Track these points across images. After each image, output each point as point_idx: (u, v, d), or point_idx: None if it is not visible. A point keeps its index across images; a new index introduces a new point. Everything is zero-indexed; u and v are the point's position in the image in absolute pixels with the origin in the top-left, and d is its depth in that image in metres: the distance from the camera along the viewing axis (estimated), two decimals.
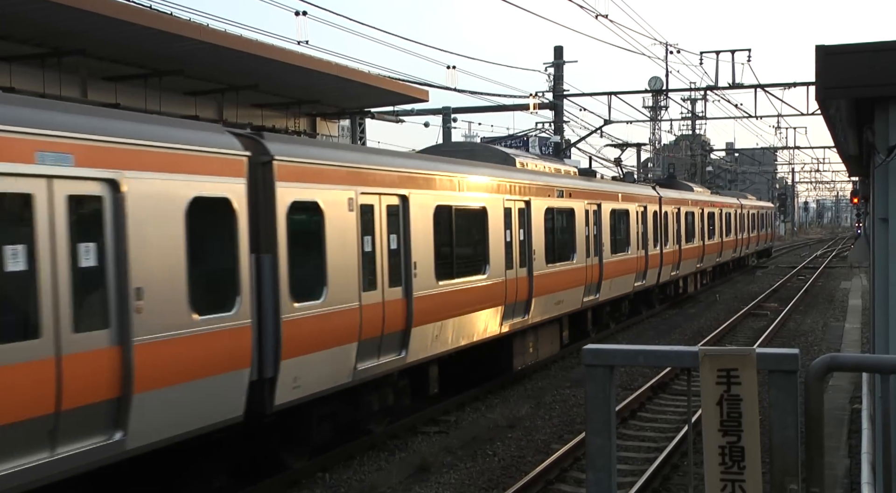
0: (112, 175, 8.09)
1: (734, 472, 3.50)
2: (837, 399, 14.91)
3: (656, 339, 23.44)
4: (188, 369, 8.89)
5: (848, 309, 28.79)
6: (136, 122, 8.81)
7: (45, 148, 7.53)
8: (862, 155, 10.59)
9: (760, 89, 33.66)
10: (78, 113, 8.24)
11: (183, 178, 8.96)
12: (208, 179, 9.30)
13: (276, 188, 10.23)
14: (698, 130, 74.66)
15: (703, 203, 35.38)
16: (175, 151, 8.89)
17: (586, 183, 22.05)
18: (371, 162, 12.33)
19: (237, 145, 9.84)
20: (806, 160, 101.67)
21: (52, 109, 7.98)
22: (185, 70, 15.77)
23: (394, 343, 12.72)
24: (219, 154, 9.49)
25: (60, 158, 7.67)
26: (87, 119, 8.12)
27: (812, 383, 3.54)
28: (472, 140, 28.74)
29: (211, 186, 9.34)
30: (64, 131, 7.69)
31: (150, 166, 8.59)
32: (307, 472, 11.74)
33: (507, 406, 15.71)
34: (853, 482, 10.28)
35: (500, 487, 11.31)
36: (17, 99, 7.95)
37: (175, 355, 8.71)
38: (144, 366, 8.27)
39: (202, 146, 9.30)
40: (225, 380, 9.41)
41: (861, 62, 6.62)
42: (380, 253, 12.29)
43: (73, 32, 13.52)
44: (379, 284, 12.24)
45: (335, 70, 18.41)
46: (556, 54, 35.53)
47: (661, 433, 14.14)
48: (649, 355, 3.88)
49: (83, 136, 7.86)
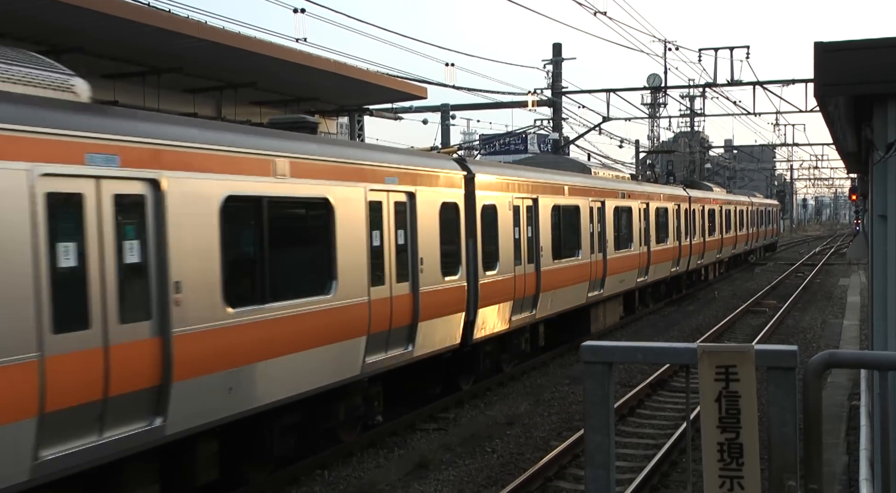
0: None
1: (733, 469, 3.50)
2: (836, 396, 14.93)
3: (655, 336, 23.46)
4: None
5: (846, 306, 28.82)
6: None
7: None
8: (860, 152, 10.59)
9: (759, 86, 33.66)
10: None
11: (436, 190, 14.16)
12: (448, 191, 14.52)
13: (476, 195, 15.52)
14: (697, 127, 74.66)
15: (722, 201, 40.06)
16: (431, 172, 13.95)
17: (637, 186, 27.33)
18: (518, 176, 17.91)
19: (458, 168, 15.14)
20: (804, 157, 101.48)
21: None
22: (183, 67, 15.75)
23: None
24: (453, 173, 14.86)
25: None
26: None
27: (810, 379, 3.54)
28: (472, 137, 28.71)
29: (448, 194, 14.51)
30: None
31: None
32: (306, 469, 11.75)
33: (505, 403, 15.72)
34: (851, 479, 10.29)
35: (498, 484, 11.32)
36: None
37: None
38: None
39: (445, 169, 14.65)
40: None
41: (860, 59, 6.62)
42: (524, 237, 17.70)
43: (72, 30, 13.49)
44: (523, 259, 17.53)
45: (334, 67, 18.40)
46: (555, 51, 35.55)
47: (660, 430, 14.16)
48: (648, 351, 3.88)
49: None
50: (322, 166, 11.27)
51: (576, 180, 21.18)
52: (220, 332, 9.34)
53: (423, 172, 13.88)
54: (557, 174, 20.43)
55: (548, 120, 37.52)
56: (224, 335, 9.40)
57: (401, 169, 13.20)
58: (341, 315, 11.50)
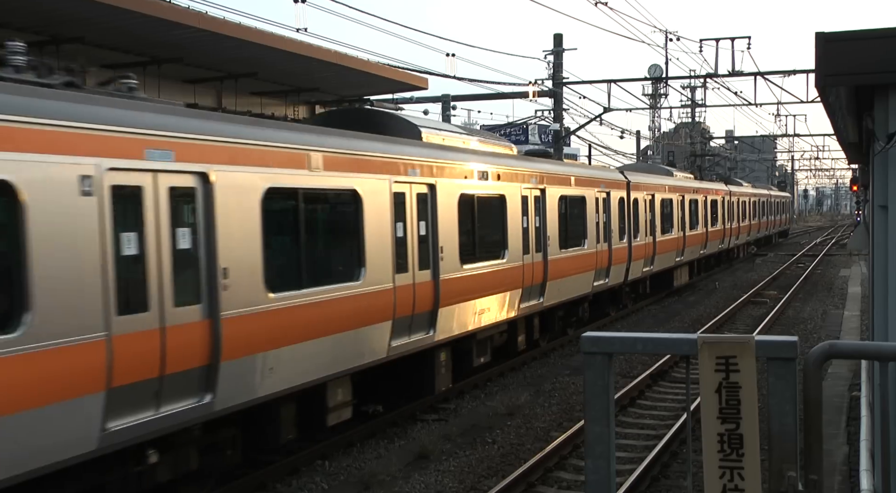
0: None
1: (733, 459, 3.50)
2: (837, 387, 14.93)
3: (655, 327, 23.47)
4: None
5: (847, 297, 28.80)
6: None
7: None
8: (861, 142, 10.57)
9: (760, 77, 33.54)
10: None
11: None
12: (599, 189, 21.61)
13: (630, 193, 24.35)
14: (698, 118, 74.58)
15: (750, 194, 49.95)
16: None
17: (701, 184, 36.86)
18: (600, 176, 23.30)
19: (621, 178, 23.93)
20: (805, 148, 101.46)
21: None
22: (184, 58, 15.71)
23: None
24: (617, 179, 23.66)
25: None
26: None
27: (810, 370, 3.53)
28: (472, 128, 28.71)
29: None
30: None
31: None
32: (306, 460, 11.77)
33: (506, 394, 15.74)
34: (852, 469, 10.30)
35: (499, 474, 11.34)
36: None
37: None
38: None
39: (608, 178, 22.98)
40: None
41: (861, 49, 6.60)
42: (644, 216, 26.15)
43: (72, 20, 13.47)
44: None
45: (334, 58, 18.35)
46: (556, 42, 35.41)
47: (661, 421, 14.17)
48: (648, 342, 3.88)
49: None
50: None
51: (670, 181, 30.87)
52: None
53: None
54: (643, 175, 28.25)
55: (549, 111, 37.43)
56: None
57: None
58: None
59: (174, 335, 8.72)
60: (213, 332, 9.22)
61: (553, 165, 20.54)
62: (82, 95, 8.32)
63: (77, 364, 7.73)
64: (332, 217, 12.05)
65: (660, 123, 71.60)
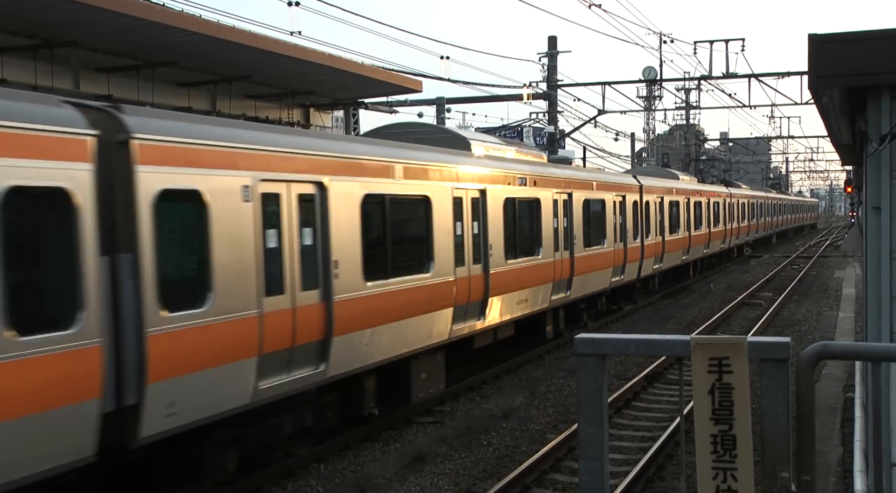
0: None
1: (726, 460, 3.51)
2: (831, 388, 14.95)
3: (650, 329, 23.48)
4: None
5: (842, 298, 28.85)
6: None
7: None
8: (855, 144, 10.59)
9: (754, 79, 33.62)
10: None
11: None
12: (617, 192, 23.90)
13: (643, 196, 26.69)
14: (692, 120, 74.55)
15: (749, 196, 52.63)
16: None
17: (736, 190, 44.94)
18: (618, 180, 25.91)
19: (634, 182, 25.85)
20: (800, 150, 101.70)
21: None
22: (177, 61, 15.69)
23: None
24: (631, 184, 25.86)
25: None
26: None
27: (803, 371, 3.54)
28: (468, 130, 28.79)
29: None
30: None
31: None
32: (302, 463, 11.75)
33: (501, 396, 15.74)
34: (846, 470, 10.32)
35: (494, 477, 11.33)
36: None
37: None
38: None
39: (624, 183, 25.29)
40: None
41: (854, 51, 6.62)
42: (654, 217, 28.15)
43: (65, 24, 13.45)
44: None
45: (328, 61, 18.34)
46: (550, 44, 35.48)
47: (655, 423, 14.18)
48: (641, 344, 3.88)
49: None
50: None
51: (677, 185, 32.60)
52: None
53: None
54: (655, 180, 30.42)
55: (543, 113, 37.47)
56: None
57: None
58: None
59: (301, 314, 10.77)
60: (327, 312, 11.25)
61: (577, 172, 23.04)
62: (240, 122, 10.83)
63: (242, 334, 9.76)
64: (409, 218, 14.09)
65: (654, 126, 71.65)
